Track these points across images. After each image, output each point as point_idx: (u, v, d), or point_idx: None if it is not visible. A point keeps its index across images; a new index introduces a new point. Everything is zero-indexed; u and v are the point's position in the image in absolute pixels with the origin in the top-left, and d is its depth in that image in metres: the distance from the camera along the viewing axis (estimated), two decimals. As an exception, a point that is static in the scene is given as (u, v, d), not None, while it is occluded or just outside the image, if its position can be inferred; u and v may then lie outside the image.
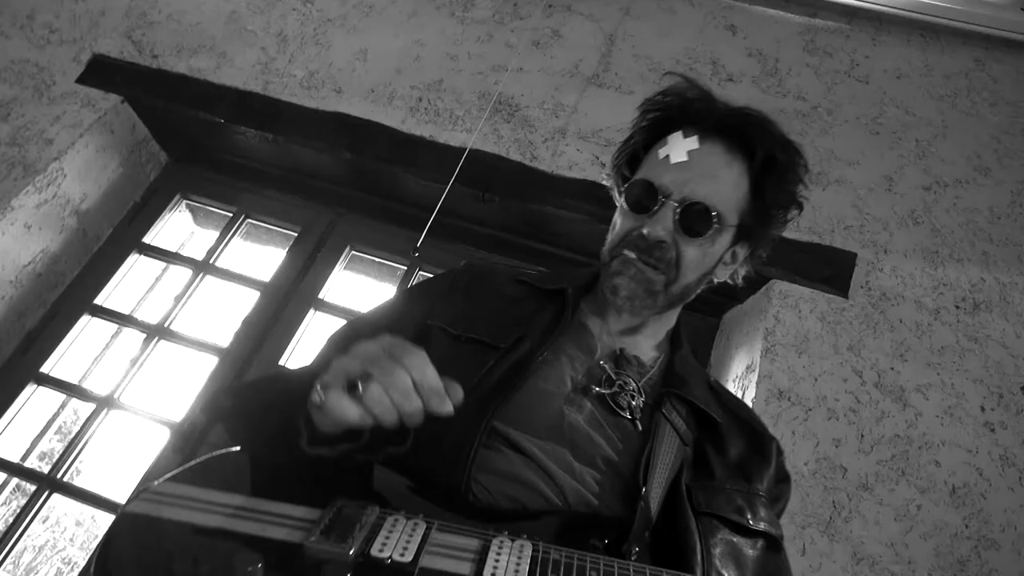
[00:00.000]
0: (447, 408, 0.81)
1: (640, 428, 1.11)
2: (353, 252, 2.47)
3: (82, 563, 1.97)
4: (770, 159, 1.16)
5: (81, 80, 2.44)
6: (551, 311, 1.21)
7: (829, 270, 2.04)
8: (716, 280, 1.27)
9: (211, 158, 2.57)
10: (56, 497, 2.08)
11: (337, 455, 0.87)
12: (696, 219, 1.12)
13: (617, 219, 1.23)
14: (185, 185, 2.59)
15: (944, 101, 2.35)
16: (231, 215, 2.54)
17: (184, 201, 2.61)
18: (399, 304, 1.30)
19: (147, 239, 2.49)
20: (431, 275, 2.41)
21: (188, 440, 2.06)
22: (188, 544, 0.80)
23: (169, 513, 0.83)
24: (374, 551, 0.79)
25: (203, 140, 2.51)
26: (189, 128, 2.46)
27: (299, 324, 2.28)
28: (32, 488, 2.07)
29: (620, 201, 1.23)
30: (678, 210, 1.12)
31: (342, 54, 2.48)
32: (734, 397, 1.34)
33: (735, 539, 1.03)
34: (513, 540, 0.85)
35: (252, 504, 0.86)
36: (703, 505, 1.03)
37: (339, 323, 2.34)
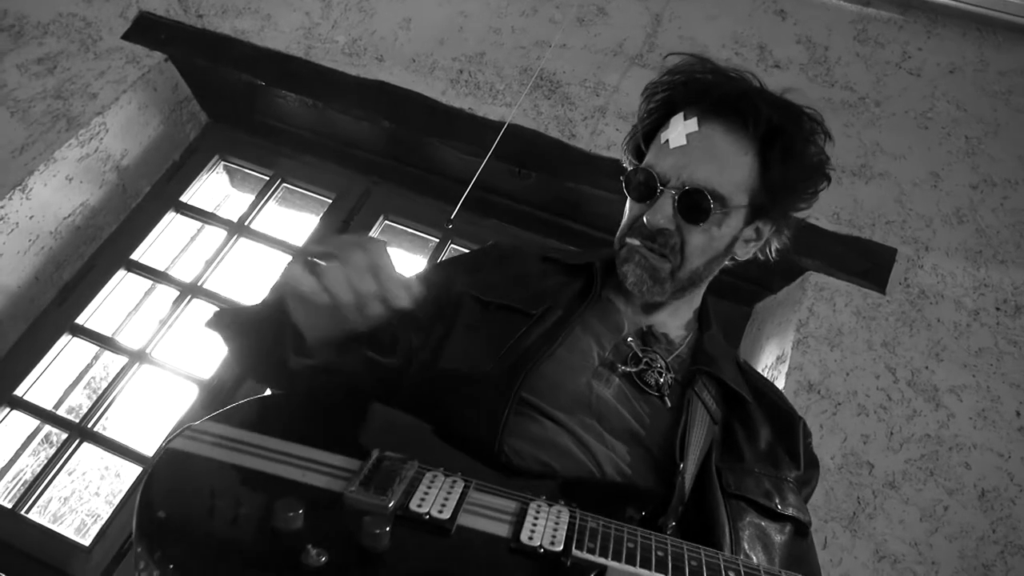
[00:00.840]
0: (403, 299, 0.82)
1: (669, 405, 1.10)
2: (386, 222, 2.48)
3: (106, 516, 2.02)
4: (772, 132, 1.12)
5: (127, 36, 2.45)
6: (578, 285, 1.21)
7: (867, 264, 2.00)
8: (739, 258, 1.24)
9: (250, 121, 2.58)
10: (85, 448, 2.12)
11: (321, 362, 0.90)
12: (695, 205, 1.09)
13: (626, 206, 1.22)
14: (224, 146, 2.61)
15: (998, 98, 2.28)
16: (267, 179, 2.56)
17: (222, 162, 2.63)
18: (429, 274, 1.31)
19: (184, 198, 2.51)
20: (463, 250, 2.43)
21: (217, 397, 2.08)
22: (229, 484, 0.81)
23: (211, 452, 0.84)
24: (413, 505, 0.80)
25: (243, 102, 2.51)
26: (230, 89, 2.47)
27: (330, 290, 2.29)
28: (63, 437, 2.11)
29: (625, 190, 1.21)
30: (676, 197, 1.10)
31: (385, 22, 2.47)
32: (763, 378, 1.33)
33: (763, 523, 1.02)
34: (551, 505, 0.85)
35: (292, 449, 0.86)
36: (732, 487, 1.03)
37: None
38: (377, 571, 0.74)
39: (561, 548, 0.78)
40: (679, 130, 1.13)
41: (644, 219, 1.12)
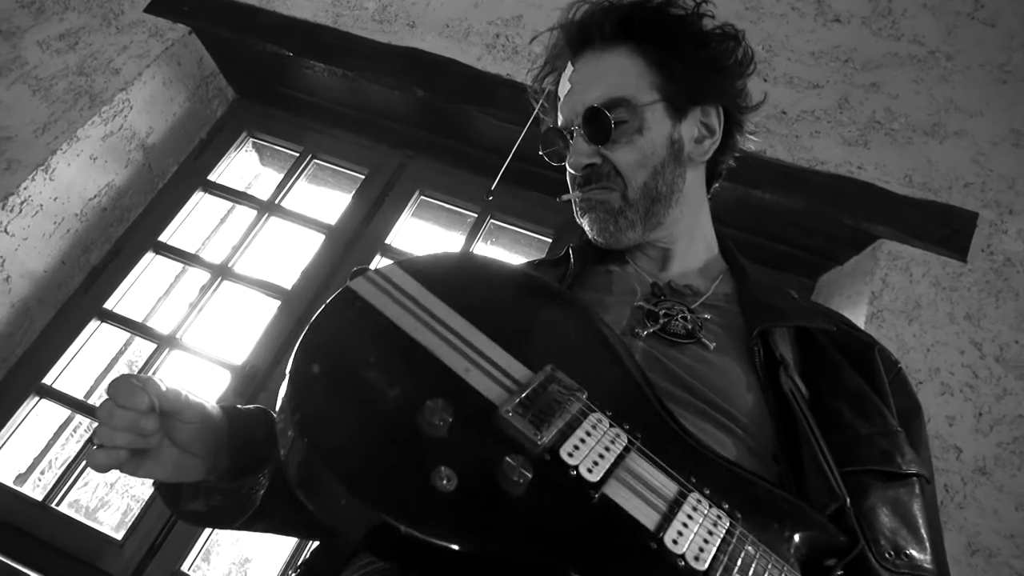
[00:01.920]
0: (143, 399, 0.82)
1: (712, 346, 0.99)
2: (422, 197, 2.36)
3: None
4: (624, 24, 1.11)
5: (149, 9, 2.35)
6: (560, 270, 1.16)
7: (946, 231, 1.84)
8: (697, 159, 1.17)
9: (278, 95, 2.47)
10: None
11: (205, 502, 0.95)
12: (596, 123, 1.07)
13: None
14: (251, 122, 2.50)
15: (1084, 47, 2.09)
16: (297, 155, 2.45)
17: (251, 139, 2.53)
18: None
19: (212, 177, 2.41)
20: (503, 225, 2.31)
21: (250, 383, 1.99)
22: (390, 354, 0.74)
23: (386, 306, 0.77)
24: (563, 452, 0.69)
25: (270, 75, 2.40)
26: (257, 62, 2.36)
27: (364, 270, 2.18)
28: (94, 427, 2.03)
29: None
30: (580, 130, 1.08)
31: (417, -14, 2.34)
32: (826, 308, 1.21)
33: (890, 491, 0.87)
34: (711, 505, 0.71)
35: (466, 332, 0.78)
36: (842, 464, 0.87)
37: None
38: (501, 516, 0.64)
39: (704, 569, 0.65)
40: (564, 83, 1.16)
41: (568, 168, 1.12)
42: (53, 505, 1.87)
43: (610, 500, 0.68)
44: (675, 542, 0.66)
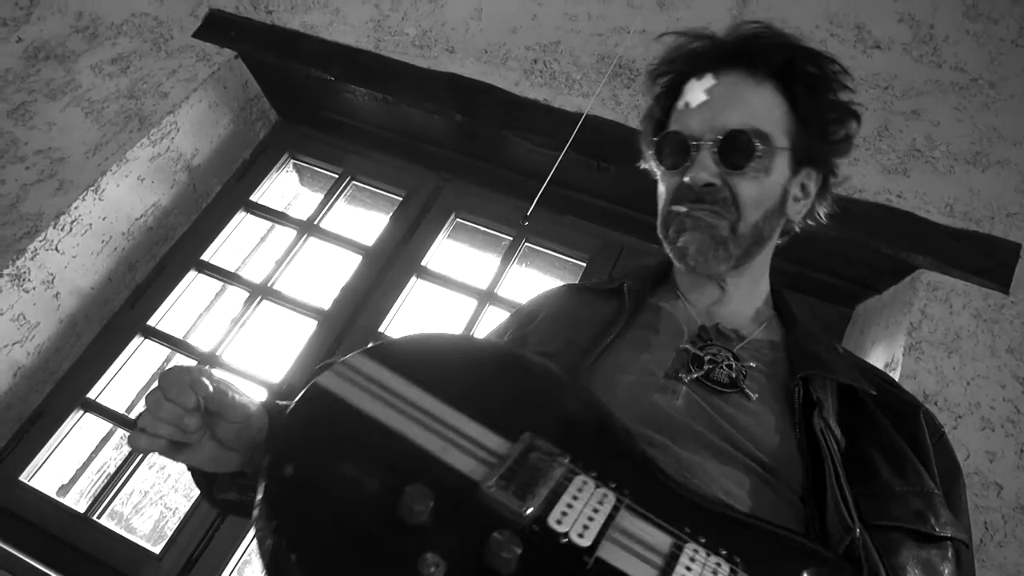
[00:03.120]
0: (191, 398, 0.83)
1: (754, 396, 0.98)
2: (458, 220, 2.38)
3: (183, 510, 1.97)
4: (788, 65, 1.08)
5: (197, 34, 2.42)
6: (611, 308, 1.13)
7: (988, 261, 1.81)
8: (793, 219, 1.16)
9: (319, 117, 2.53)
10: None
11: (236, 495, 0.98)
12: (737, 148, 1.03)
13: (660, 187, 1.16)
14: (293, 144, 2.56)
15: None
16: (336, 176, 2.50)
17: (292, 160, 2.58)
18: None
19: (254, 197, 2.47)
20: (538, 248, 2.32)
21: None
22: (365, 447, 0.73)
23: (356, 398, 0.76)
24: (551, 520, 0.68)
25: (313, 98, 2.46)
26: (300, 86, 2.42)
27: (400, 291, 2.21)
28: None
29: (656, 167, 1.16)
30: (715, 148, 1.03)
31: (456, 12, 2.38)
32: (872, 366, 1.19)
33: (923, 552, 0.86)
34: (708, 554, 0.70)
35: (440, 412, 0.77)
36: (875, 517, 0.87)
37: (441, 292, 2.27)
38: None
39: None
40: (697, 91, 1.10)
41: (686, 180, 1.06)
42: (95, 517, 1.92)
43: (605, 563, 0.66)
44: None
